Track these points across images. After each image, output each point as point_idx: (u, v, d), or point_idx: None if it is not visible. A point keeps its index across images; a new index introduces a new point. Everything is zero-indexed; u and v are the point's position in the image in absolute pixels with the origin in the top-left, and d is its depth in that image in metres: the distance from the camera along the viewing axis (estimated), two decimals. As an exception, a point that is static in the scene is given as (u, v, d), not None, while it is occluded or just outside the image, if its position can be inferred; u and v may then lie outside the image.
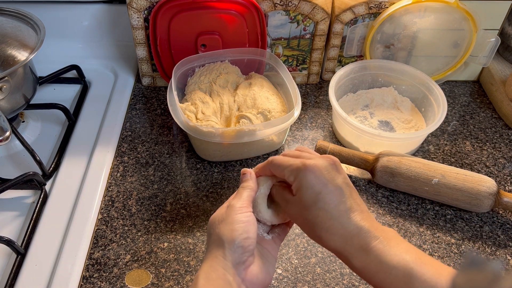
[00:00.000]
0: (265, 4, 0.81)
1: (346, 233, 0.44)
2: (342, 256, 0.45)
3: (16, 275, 0.61)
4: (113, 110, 0.85)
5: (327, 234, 0.45)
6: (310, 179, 0.45)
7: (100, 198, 0.71)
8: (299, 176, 0.46)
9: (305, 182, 0.45)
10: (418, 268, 0.42)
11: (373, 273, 0.43)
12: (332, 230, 0.45)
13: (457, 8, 0.80)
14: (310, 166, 0.45)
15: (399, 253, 0.43)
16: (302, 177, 0.45)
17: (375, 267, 0.43)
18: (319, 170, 0.45)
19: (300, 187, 0.46)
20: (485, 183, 0.68)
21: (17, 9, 0.80)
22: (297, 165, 0.46)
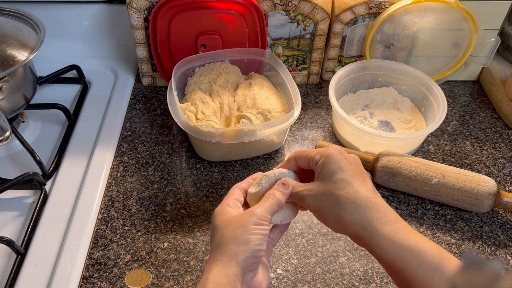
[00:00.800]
0: (265, 4, 0.81)
1: (372, 206, 0.44)
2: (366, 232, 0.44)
3: (16, 275, 0.61)
4: (113, 110, 0.85)
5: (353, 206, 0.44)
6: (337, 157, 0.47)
7: (100, 198, 0.71)
8: (326, 153, 0.48)
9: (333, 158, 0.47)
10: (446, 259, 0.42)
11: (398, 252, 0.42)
12: (358, 202, 0.44)
13: (457, 8, 0.80)
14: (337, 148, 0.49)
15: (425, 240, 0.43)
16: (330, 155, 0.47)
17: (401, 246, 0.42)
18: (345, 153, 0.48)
19: (327, 163, 0.47)
20: (485, 183, 0.68)
21: (17, 9, 0.80)
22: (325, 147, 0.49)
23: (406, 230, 0.43)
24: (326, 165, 0.47)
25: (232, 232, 0.45)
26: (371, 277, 0.63)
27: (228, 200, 0.50)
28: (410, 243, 0.42)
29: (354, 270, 0.63)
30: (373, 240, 0.43)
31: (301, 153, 0.51)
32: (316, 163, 0.48)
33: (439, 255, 0.42)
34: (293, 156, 0.52)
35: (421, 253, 0.42)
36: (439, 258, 0.42)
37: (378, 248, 0.43)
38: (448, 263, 0.42)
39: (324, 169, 0.47)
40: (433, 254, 0.42)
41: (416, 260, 0.42)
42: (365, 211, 0.44)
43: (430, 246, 0.43)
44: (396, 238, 0.43)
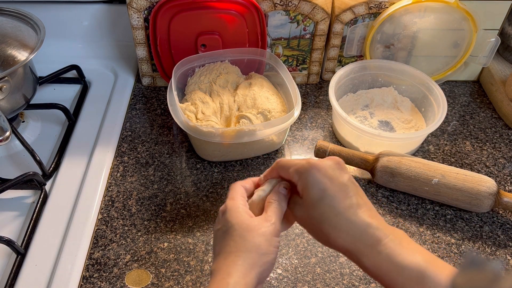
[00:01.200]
0: (265, 4, 0.81)
1: (354, 229, 0.44)
2: (352, 255, 0.44)
3: (16, 275, 0.61)
4: (113, 110, 0.85)
5: (335, 231, 0.44)
6: (315, 176, 0.45)
7: (100, 198, 0.71)
8: (304, 174, 0.46)
9: (310, 179, 0.45)
10: (432, 269, 0.41)
11: (384, 272, 0.42)
12: (339, 226, 0.44)
13: (457, 8, 0.80)
14: (315, 164, 0.46)
15: (411, 253, 0.42)
16: (307, 175, 0.45)
17: (386, 266, 0.42)
18: (323, 168, 0.45)
19: (306, 185, 0.45)
20: (485, 183, 0.68)
21: (17, 9, 0.80)
22: (302, 163, 0.46)
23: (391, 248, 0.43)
24: (305, 189, 0.46)
25: (255, 239, 0.44)
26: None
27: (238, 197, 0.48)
28: (395, 262, 0.42)
29: (354, 270, 0.63)
30: (359, 261, 0.44)
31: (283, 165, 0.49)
32: (296, 182, 0.47)
33: (425, 268, 0.41)
34: (275, 166, 0.50)
35: (406, 271, 0.42)
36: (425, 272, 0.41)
37: (365, 268, 0.44)
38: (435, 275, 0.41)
39: (304, 193, 0.46)
40: (418, 269, 0.41)
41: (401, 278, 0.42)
42: (347, 234, 0.44)
43: (416, 261, 0.42)
44: (380, 259, 0.43)
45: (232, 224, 0.45)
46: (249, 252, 0.43)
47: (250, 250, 0.44)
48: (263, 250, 0.44)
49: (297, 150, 0.80)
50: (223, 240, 0.45)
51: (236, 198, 0.48)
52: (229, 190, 0.50)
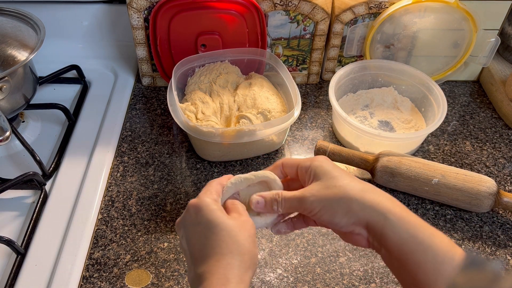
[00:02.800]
0: (265, 4, 0.81)
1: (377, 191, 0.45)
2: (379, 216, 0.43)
3: (16, 275, 0.62)
4: (113, 110, 0.85)
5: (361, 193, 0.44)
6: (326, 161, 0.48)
7: (100, 198, 0.71)
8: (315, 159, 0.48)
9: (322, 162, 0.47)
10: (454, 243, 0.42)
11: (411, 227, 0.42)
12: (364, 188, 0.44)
13: (457, 8, 0.80)
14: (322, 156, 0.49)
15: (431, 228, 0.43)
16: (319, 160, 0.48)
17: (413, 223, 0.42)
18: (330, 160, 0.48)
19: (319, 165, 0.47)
20: (485, 183, 0.68)
21: (17, 9, 0.80)
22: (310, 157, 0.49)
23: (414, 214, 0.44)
24: (319, 167, 0.47)
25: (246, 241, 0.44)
26: (371, 277, 0.63)
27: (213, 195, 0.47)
28: (422, 224, 0.42)
29: (354, 270, 0.63)
30: (386, 221, 0.42)
31: (289, 160, 0.50)
32: (306, 169, 0.47)
33: (449, 241, 0.42)
34: (280, 162, 0.50)
35: (432, 236, 0.42)
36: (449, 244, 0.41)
37: (391, 229, 0.42)
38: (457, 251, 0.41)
39: (318, 169, 0.47)
40: (443, 239, 0.42)
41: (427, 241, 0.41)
42: (373, 195, 0.44)
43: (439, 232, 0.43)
44: (408, 218, 0.42)
45: (216, 224, 0.44)
46: (243, 254, 0.43)
47: (244, 252, 0.43)
48: (254, 252, 0.44)
49: (297, 150, 0.80)
50: (208, 240, 0.43)
51: (211, 194, 0.47)
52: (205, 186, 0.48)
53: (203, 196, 0.46)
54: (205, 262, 0.43)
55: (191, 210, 0.46)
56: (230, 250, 0.43)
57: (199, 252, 0.44)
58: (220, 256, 0.42)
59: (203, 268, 0.43)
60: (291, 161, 0.50)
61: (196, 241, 0.45)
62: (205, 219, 0.44)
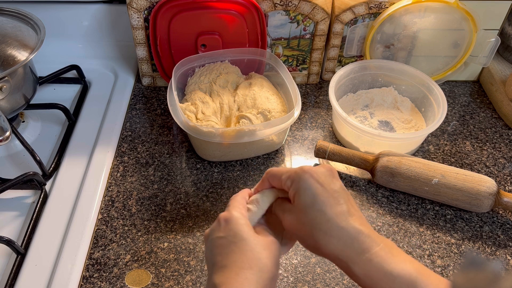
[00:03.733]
0: (265, 4, 0.81)
1: (345, 236, 0.43)
2: (342, 262, 0.43)
3: (16, 275, 0.62)
4: (113, 110, 0.85)
5: (325, 237, 0.43)
6: (307, 181, 0.45)
7: (100, 198, 0.71)
8: (296, 179, 0.45)
9: (302, 184, 0.45)
10: (422, 279, 0.41)
11: (375, 281, 0.42)
12: (330, 232, 0.43)
13: (457, 8, 0.80)
14: (307, 170, 0.45)
15: (402, 262, 0.42)
16: (299, 180, 0.45)
17: (377, 274, 0.42)
18: (316, 173, 0.45)
19: (298, 190, 0.45)
20: (485, 183, 0.68)
21: (17, 9, 0.80)
22: (295, 170, 0.46)
23: (382, 256, 0.42)
24: (297, 194, 0.45)
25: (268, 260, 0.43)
26: (371, 277, 0.63)
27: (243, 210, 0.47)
28: (386, 270, 0.42)
29: (354, 270, 0.63)
30: (349, 269, 0.43)
31: (273, 174, 0.48)
32: (288, 188, 0.46)
33: (416, 278, 0.41)
34: (265, 177, 0.49)
35: (397, 279, 0.41)
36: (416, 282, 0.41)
37: (356, 277, 0.43)
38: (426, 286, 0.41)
39: (295, 198, 0.45)
40: (409, 278, 0.41)
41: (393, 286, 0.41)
42: (338, 241, 0.43)
43: (407, 270, 0.42)
44: (371, 267, 0.42)
45: (244, 239, 0.43)
46: (263, 272, 0.42)
47: (264, 270, 0.42)
48: (274, 273, 0.43)
49: (297, 150, 0.80)
50: (231, 252, 0.43)
51: (241, 210, 0.47)
52: (231, 201, 0.48)
53: (232, 209, 0.46)
54: (223, 273, 0.43)
55: (221, 222, 0.46)
56: (250, 265, 0.42)
57: (219, 262, 0.44)
58: (240, 270, 0.42)
59: (221, 279, 0.42)
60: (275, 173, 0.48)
61: (219, 252, 0.44)
62: (233, 232, 0.44)
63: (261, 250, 0.43)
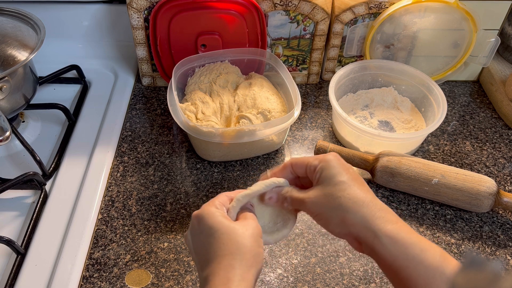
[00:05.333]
0: (265, 4, 0.81)
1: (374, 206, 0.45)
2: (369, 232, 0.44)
3: (16, 275, 0.62)
4: (113, 110, 0.85)
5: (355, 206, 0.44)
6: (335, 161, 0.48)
7: (100, 198, 0.71)
8: (323, 159, 0.48)
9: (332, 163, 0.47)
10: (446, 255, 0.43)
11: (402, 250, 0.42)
12: (360, 202, 0.44)
13: (457, 8, 0.80)
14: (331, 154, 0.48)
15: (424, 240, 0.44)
16: (328, 159, 0.47)
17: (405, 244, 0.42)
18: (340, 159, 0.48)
19: (326, 167, 0.47)
20: (485, 183, 0.68)
21: (17, 9, 0.80)
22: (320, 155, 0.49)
23: (407, 230, 0.44)
24: (325, 169, 0.47)
25: (246, 241, 0.44)
26: (371, 277, 0.63)
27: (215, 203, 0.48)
28: (413, 241, 0.43)
29: (354, 270, 0.63)
30: (376, 238, 0.43)
31: (298, 160, 0.50)
32: (315, 169, 0.48)
33: (441, 254, 0.42)
34: (289, 163, 0.51)
35: (423, 251, 0.42)
36: (440, 258, 0.42)
37: (381, 247, 0.43)
38: (449, 264, 0.42)
39: (323, 172, 0.47)
40: (435, 253, 0.42)
41: (418, 258, 0.42)
42: (368, 210, 0.44)
43: (432, 246, 0.43)
44: (398, 236, 0.43)
45: (217, 229, 0.45)
46: (243, 254, 0.44)
47: (244, 252, 0.44)
48: (255, 251, 0.44)
49: (297, 150, 0.80)
50: (209, 246, 0.45)
51: (213, 204, 0.48)
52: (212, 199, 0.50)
53: (204, 206, 0.48)
54: (208, 266, 0.44)
55: (194, 221, 0.47)
56: (230, 251, 0.44)
57: (203, 258, 0.45)
58: (221, 258, 0.44)
59: (207, 272, 0.44)
60: (300, 160, 0.50)
61: (200, 249, 0.46)
62: (207, 226, 0.46)
63: (238, 234, 0.45)
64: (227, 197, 0.50)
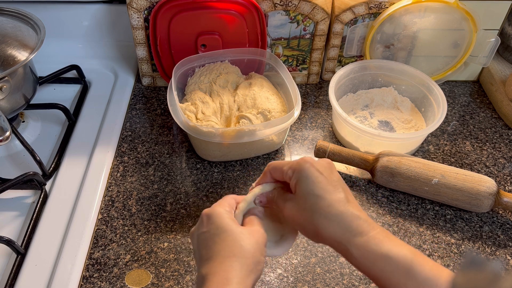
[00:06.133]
0: (265, 4, 0.81)
1: (344, 219, 0.45)
2: (341, 245, 0.45)
3: (16, 275, 0.62)
4: (113, 110, 0.85)
5: (325, 221, 0.45)
6: (308, 170, 0.47)
7: (100, 198, 0.71)
8: (297, 169, 0.47)
9: (303, 173, 0.47)
10: (418, 263, 0.42)
11: (372, 261, 0.43)
12: (330, 216, 0.45)
13: (457, 8, 0.80)
14: (308, 159, 0.48)
15: (398, 245, 0.44)
16: (301, 169, 0.47)
17: (374, 255, 0.43)
18: (316, 164, 0.47)
19: (299, 178, 0.47)
20: (485, 183, 0.68)
21: (17, 9, 0.80)
22: (296, 160, 0.48)
23: (379, 239, 0.44)
24: (298, 182, 0.47)
25: (250, 246, 0.45)
26: (371, 277, 0.63)
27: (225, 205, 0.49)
28: (383, 251, 0.43)
29: (354, 270, 0.63)
30: (348, 251, 0.44)
31: (275, 166, 0.51)
32: (290, 178, 0.48)
33: (412, 260, 0.43)
34: (267, 169, 0.52)
35: (393, 260, 0.43)
36: (411, 263, 0.42)
37: (354, 259, 0.44)
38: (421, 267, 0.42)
39: (297, 186, 0.47)
40: (405, 260, 0.43)
41: (389, 267, 0.43)
42: (338, 225, 0.45)
43: (402, 253, 0.43)
44: (368, 248, 0.44)
45: (225, 230, 0.46)
46: (246, 258, 0.44)
47: (247, 256, 0.44)
48: (257, 258, 0.45)
49: (297, 150, 0.80)
50: (215, 244, 0.45)
51: (223, 205, 0.49)
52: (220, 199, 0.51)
53: (215, 206, 0.49)
54: (208, 264, 0.44)
55: (203, 218, 0.48)
56: (234, 253, 0.44)
57: (205, 255, 0.46)
58: (223, 258, 0.44)
59: (207, 270, 0.44)
60: (277, 166, 0.50)
61: (204, 246, 0.46)
62: (214, 225, 0.46)
63: (243, 238, 0.45)
64: (234, 200, 0.51)
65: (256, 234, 0.46)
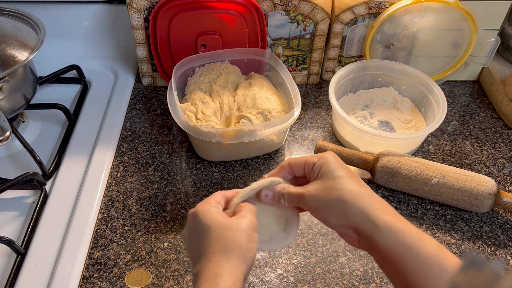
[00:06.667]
0: (265, 4, 0.81)
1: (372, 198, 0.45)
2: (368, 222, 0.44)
3: (16, 275, 0.62)
4: (113, 110, 0.85)
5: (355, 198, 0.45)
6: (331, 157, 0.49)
7: (100, 198, 0.71)
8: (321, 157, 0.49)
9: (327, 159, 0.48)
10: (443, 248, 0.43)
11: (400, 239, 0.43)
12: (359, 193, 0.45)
13: (457, 8, 0.80)
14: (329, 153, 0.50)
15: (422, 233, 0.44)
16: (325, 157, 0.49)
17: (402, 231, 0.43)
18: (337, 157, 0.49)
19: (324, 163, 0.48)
20: (485, 183, 0.68)
21: (17, 9, 0.80)
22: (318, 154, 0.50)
23: (405, 221, 0.45)
24: (324, 165, 0.48)
25: (235, 237, 0.45)
26: (371, 277, 0.63)
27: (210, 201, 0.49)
28: (411, 231, 0.43)
29: (354, 270, 0.63)
30: (375, 228, 0.44)
31: (296, 159, 0.51)
32: (313, 166, 0.49)
33: (437, 245, 0.43)
34: (286, 162, 0.51)
35: (421, 241, 0.43)
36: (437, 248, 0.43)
37: (380, 236, 0.44)
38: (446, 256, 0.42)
39: (323, 168, 0.48)
40: (432, 243, 0.43)
41: (416, 247, 0.42)
42: (367, 201, 0.45)
43: (429, 237, 0.44)
44: (397, 226, 0.44)
45: (209, 226, 0.46)
46: (232, 250, 0.44)
47: (233, 248, 0.44)
48: (245, 247, 0.45)
49: (297, 150, 0.80)
50: (201, 243, 0.45)
51: (208, 202, 0.48)
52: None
53: (199, 203, 0.48)
54: (199, 262, 0.45)
55: (189, 218, 0.48)
56: (220, 248, 0.44)
57: (196, 254, 0.46)
58: (211, 255, 0.44)
59: (198, 268, 0.45)
60: (297, 159, 0.51)
61: (194, 246, 0.47)
62: (200, 223, 0.46)
63: (227, 230, 0.45)
64: (222, 196, 0.50)
65: (242, 221, 0.46)
